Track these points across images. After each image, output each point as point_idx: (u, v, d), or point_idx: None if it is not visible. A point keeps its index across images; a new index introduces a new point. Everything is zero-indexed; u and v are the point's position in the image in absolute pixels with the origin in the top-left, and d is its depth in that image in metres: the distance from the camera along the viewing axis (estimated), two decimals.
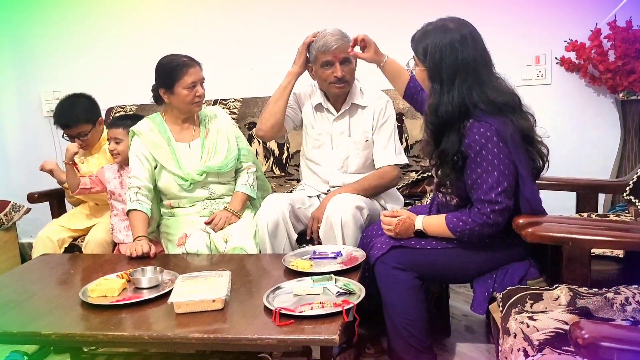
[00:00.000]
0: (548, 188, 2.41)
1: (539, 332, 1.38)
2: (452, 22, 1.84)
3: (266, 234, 2.26)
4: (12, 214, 3.09)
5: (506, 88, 1.85)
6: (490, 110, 1.77)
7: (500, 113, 1.78)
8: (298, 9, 3.33)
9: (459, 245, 1.91)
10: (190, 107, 2.41)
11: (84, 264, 2.29)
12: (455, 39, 1.78)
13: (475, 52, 1.79)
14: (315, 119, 2.54)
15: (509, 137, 1.76)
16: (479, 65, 1.79)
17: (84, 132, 2.68)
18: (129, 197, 2.36)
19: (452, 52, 1.77)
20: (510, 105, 1.81)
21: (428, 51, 1.81)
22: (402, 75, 2.29)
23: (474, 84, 1.78)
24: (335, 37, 2.34)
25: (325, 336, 1.46)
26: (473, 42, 1.80)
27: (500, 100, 1.79)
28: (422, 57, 1.84)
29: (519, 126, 1.80)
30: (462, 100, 1.77)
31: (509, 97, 1.83)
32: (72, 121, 2.66)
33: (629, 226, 1.92)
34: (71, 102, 2.72)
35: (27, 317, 1.73)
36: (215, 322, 1.59)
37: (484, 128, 1.76)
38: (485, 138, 1.75)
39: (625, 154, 2.94)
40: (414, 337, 1.95)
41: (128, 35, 3.55)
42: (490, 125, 1.75)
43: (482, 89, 1.78)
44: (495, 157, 1.76)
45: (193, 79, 2.36)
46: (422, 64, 1.85)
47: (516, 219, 1.78)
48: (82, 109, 2.70)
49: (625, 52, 2.81)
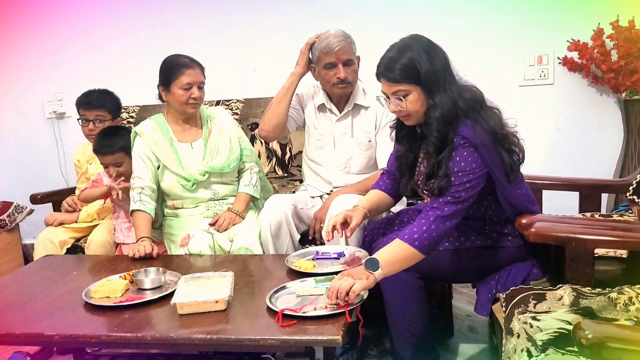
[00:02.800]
0: (551, 188, 2.41)
1: (542, 332, 1.37)
2: (407, 39, 1.80)
3: (269, 235, 2.27)
4: (15, 215, 3.10)
5: (468, 84, 1.85)
6: (468, 110, 1.76)
7: (471, 111, 1.77)
8: (300, 10, 3.34)
9: (461, 246, 1.91)
10: (185, 107, 2.41)
11: (87, 265, 2.29)
12: (424, 46, 1.77)
13: (442, 52, 1.80)
14: (318, 120, 2.54)
15: (479, 142, 1.73)
16: (448, 63, 1.80)
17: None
18: (132, 197, 2.37)
19: (429, 58, 1.75)
20: (478, 101, 1.80)
21: (419, 69, 1.73)
22: (380, 199, 2.14)
23: (452, 83, 1.78)
24: (338, 39, 2.33)
25: (328, 337, 1.46)
26: (434, 44, 1.80)
27: (469, 96, 1.78)
28: (414, 79, 1.75)
29: (488, 125, 1.77)
30: (453, 100, 1.76)
31: (475, 92, 1.82)
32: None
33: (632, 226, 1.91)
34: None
35: (30, 318, 1.73)
36: (218, 322, 1.59)
37: (467, 132, 1.74)
38: (467, 141, 1.73)
39: (628, 153, 2.93)
40: (417, 338, 1.95)
41: (130, 37, 3.56)
42: (470, 131, 1.74)
43: (456, 86, 1.79)
44: (470, 162, 1.73)
45: (189, 80, 2.36)
46: (416, 85, 1.76)
47: (519, 219, 1.78)
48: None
49: (628, 52, 2.81)
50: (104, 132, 2.60)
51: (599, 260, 1.77)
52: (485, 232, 1.92)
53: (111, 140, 2.53)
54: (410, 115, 1.82)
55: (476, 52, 3.08)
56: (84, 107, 2.76)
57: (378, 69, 1.82)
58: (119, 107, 2.86)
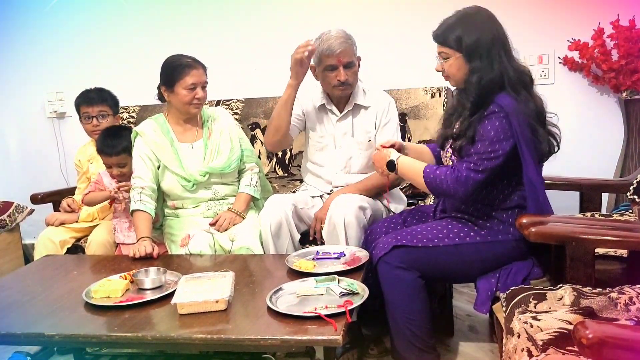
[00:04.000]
0: (552, 187, 2.40)
1: (542, 332, 1.37)
2: (470, 9, 1.93)
3: (269, 235, 2.27)
4: (15, 215, 3.10)
5: (524, 66, 1.95)
6: (515, 83, 1.85)
7: (522, 88, 1.86)
8: (300, 9, 3.33)
9: (461, 243, 1.92)
10: (188, 108, 2.41)
11: (87, 265, 2.29)
12: (484, 18, 1.89)
13: (500, 27, 1.90)
14: (318, 121, 2.54)
15: (514, 112, 1.80)
16: (505, 38, 1.89)
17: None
18: (133, 197, 2.37)
19: (484, 30, 1.86)
20: (528, 82, 1.90)
21: (463, 37, 1.85)
22: (423, 150, 2.27)
23: (505, 57, 1.87)
24: (340, 41, 2.32)
25: (328, 337, 1.46)
26: (495, 19, 1.91)
27: (519, 74, 1.88)
28: (456, 45, 1.87)
29: (533, 103, 1.86)
30: (500, 71, 1.85)
31: (527, 73, 1.91)
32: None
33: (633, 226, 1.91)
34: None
35: (30, 318, 1.73)
36: (218, 322, 1.60)
37: (506, 101, 1.82)
38: (502, 110, 1.81)
39: (629, 153, 2.93)
40: (417, 337, 1.95)
41: (131, 36, 3.56)
42: (511, 101, 1.82)
43: (511, 62, 1.88)
44: (499, 131, 1.81)
45: (194, 80, 2.36)
46: (456, 51, 1.88)
47: (519, 219, 1.78)
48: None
49: (629, 52, 2.81)
50: (108, 133, 2.60)
51: (600, 259, 1.77)
52: (487, 224, 1.94)
53: (115, 141, 2.53)
54: (449, 77, 1.95)
55: None
56: (86, 104, 2.78)
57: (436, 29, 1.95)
58: (118, 103, 2.90)
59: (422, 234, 1.95)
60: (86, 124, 2.80)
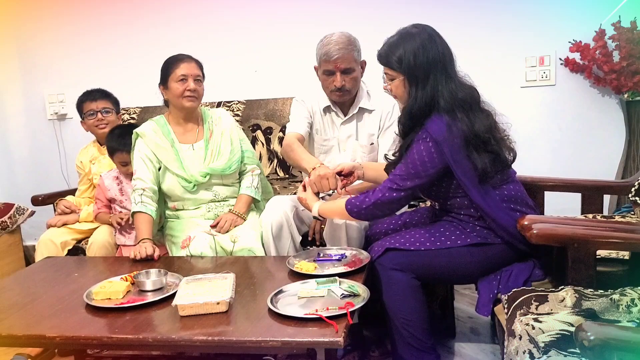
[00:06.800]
0: (553, 189, 2.41)
1: (544, 333, 1.37)
2: (412, 28, 1.93)
3: (270, 236, 2.26)
4: (16, 217, 3.10)
5: (467, 83, 1.94)
6: (448, 106, 1.85)
7: (457, 110, 1.85)
8: (301, 11, 3.33)
9: (453, 246, 1.92)
10: (182, 101, 2.41)
11: (88, 267, 2.29)
12: (424, 39, 1.88)
13: (443, 48, 1.89)
14: (324, 123, 2.53)
15: (443, 139, 1.82)
16: (446, 60, 1.89)
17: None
18: (134, 199, 2.37)
19: (424, 51, 1.86)
20: (468, 102, 1.88)
21: (403, 58, 1.87)
22: (382, 171, 2.22)
23: (442, 79, 1.87)
24: (339, 47, 2.30)
25: (329, 338, 1.46)
26: (439, 39, 1.91)
27: (461, 95, 1.87)
28: (398, 66, 1.90)
29: (470, 128, 1.84)
30: (433, 95, 1.86)
31: (469, 92, 1.91)
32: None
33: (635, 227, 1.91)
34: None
35: (31, 319, 1.73)
36: (219, 324, 1.59)
37: (435, 127, 1.83)
38: (430, 137, 1.83)
39: (631, 154, 2.93)
40: (415, 338, 1.94)
41: (132, 38, 3.57)
42: (441, 127, 1.83)
43: (448, 83, 1.87)
44: (424, 155, 1.84)
45: (184, 72, 2.38)
46: (399, 73, 1.90)
47: (520, 220, 1.77)
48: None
49: (630, 53, 2.81)
50: (119, 131, 2.63)
51: (601, 261, 1.76)
52: (477, 228, 1.94)
53: (127, 139, 2.54)
54: (396, 97, 1.99)
55: (478, 53, 3.07)
56: (90, 100, 2.84)
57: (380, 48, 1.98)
58: (119, 103, 2.97)
59: (415, 237, 1.96)
60: (89, 119, 2.82)
